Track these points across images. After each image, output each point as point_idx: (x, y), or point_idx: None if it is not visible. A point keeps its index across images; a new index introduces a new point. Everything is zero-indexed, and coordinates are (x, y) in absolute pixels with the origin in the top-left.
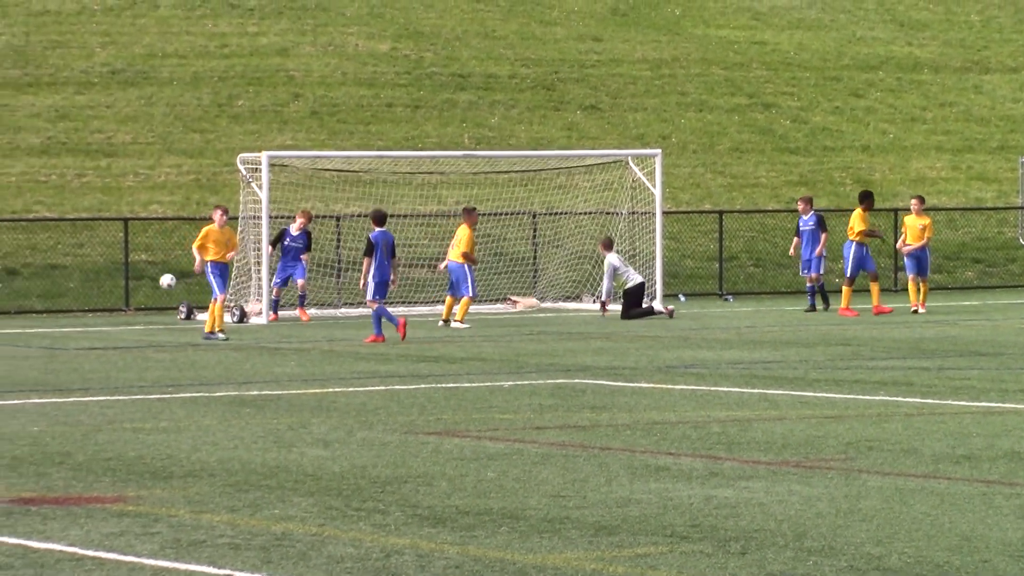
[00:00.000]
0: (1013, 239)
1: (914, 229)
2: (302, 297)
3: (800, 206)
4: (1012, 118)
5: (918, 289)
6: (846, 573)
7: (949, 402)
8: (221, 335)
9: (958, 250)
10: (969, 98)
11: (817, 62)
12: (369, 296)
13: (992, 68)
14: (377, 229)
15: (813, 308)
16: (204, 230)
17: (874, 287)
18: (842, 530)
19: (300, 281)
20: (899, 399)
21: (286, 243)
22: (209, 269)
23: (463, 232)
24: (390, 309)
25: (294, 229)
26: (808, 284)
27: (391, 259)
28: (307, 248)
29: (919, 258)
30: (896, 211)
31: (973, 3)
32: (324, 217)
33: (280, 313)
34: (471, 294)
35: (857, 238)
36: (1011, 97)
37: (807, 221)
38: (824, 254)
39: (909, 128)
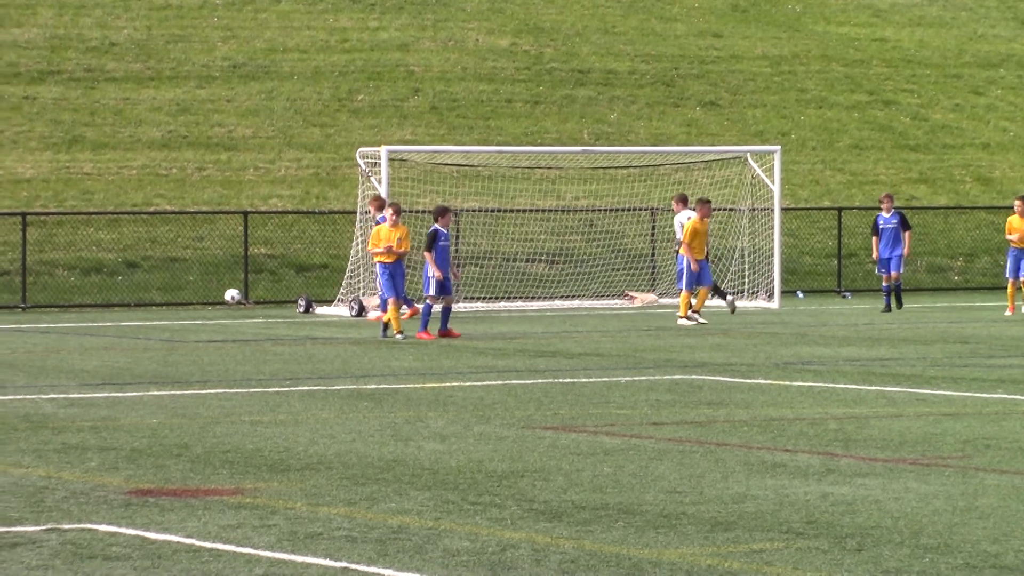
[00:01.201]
0: None
1: (1021, 230)
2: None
3: (883, 204)
4: None
5: (1019, 290)
6: (962, 571)
7: None
8: (399, 335)
9: None
10: None
11: (937, 59)
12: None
13: None
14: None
15: (888, 308)
16: (375, 230)
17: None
18: (958, 528)
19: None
20: (1017, 397)
21: None
22: (379, 270)
23: (688, 222)
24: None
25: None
26: (884, 284)
27: (432, 254)
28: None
29: (1020, 259)
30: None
31: None
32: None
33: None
34: (682, 287)
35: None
36: None
37: (888, 219)
38: (908, 252)
39: None
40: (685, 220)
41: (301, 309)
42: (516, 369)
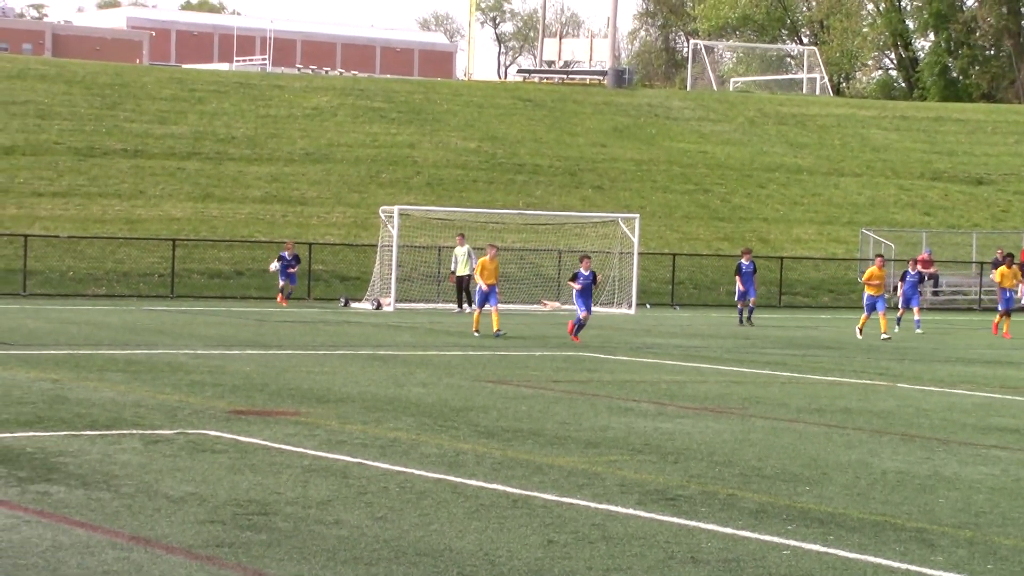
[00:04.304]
0: (854, 278)
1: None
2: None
3: (744, 255)
4: (856, 205)
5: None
6: (737, 478)
7: (808, 376)
8: (501, 332)
9: (820, 283)
10: (831, 191)
11: (737, 165)
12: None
13: (846, 173)
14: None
15: (742, 324)
16: (480, 261)
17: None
18: (737, 451)
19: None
20: (778, 372)
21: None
22: (480, 287)
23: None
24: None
25: (288, 254)
26: (739, 307)
27: (576, 283)
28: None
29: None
30: (783, 258)
31: (837, 131)
32: (431, 248)
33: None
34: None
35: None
36: (855, 191)
37: (748, 265)
38: (746, 290)
39: (792, 208)
40: (463, 251)
41: (342, 304)
42: (472, 346)
